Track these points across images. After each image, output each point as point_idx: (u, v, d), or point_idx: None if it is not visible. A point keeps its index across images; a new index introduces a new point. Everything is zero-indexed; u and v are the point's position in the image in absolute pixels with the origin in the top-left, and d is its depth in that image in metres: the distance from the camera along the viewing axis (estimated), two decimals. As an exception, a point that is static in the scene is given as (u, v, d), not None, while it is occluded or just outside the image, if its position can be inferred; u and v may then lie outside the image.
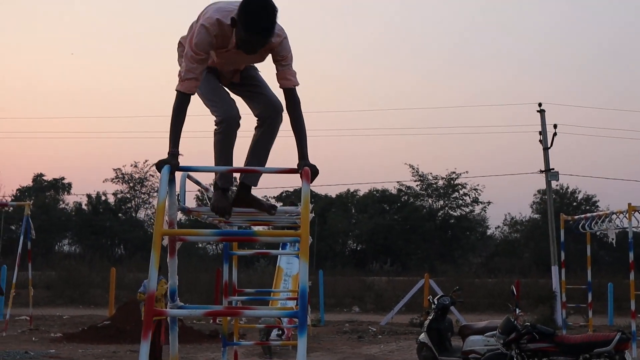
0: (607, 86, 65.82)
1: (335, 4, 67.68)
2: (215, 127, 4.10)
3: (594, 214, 14.94)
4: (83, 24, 66.13)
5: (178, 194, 3.92)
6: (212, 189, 4.62)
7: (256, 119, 4.22)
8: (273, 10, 3.71)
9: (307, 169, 3.64)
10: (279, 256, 19.64)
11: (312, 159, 3.87)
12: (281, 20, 3.83)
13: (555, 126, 22.42)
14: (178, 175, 3.85)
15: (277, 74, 4.00)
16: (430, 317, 11.35)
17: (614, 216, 13.93)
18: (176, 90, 3.88)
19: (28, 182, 49.23)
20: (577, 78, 66.78)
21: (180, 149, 3.81)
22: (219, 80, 4.23)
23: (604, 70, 67.27)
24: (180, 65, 4.04)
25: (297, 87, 3.98)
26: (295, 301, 6.35)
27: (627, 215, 13.01)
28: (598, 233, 15.40)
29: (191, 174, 4.18)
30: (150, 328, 3.14)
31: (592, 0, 66.33)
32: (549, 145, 22.56)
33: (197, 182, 4.26)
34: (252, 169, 4.01)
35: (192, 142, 49.15)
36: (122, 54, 67.11)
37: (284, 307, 6.99)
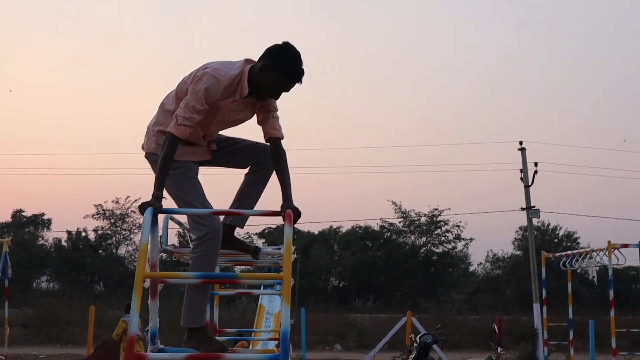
0: (587, 125, 66.80)
1: (318, 43, 68.45)
2: (196, 242, 3.88)
3: (575, 251, 15.06)
4: (66, 56, 66.26)
5: (160, 236, 3.92)
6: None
7: (250, 166, 4.25)
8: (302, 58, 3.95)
9: (289, 212, 3.66)
10: (260, 296, 19.54)
11: (295, 195, 3.90)
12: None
13: (536, 164, 22.71)
14: (161, 217, 3.86)
15: (266, 124, 4.04)
16: (412, 356, 11.33)
17: (594, 253, 14.07)
18: (170, 132, 3.84)
19: (7, 217, 48.77)
20: (558, 117, 67.75)
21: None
22: (195, 161, 4.15)
23: (584, 109, 68.32)
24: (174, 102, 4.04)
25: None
26: (277, 341, 6.32)
27: (607, 253, 13.13)
28: (579, 270, 15.52)
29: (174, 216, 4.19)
30: (131, 372, 3.12)
31: (573, 39, 67.66)
32: (530, 183, 22.79)
33: (180, 223, 4.27)
34: (236, 212, 4.03)
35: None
36: (103, 89, 67.18)
37: (264, 350, 6.93)
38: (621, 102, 66.08)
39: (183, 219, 4.43)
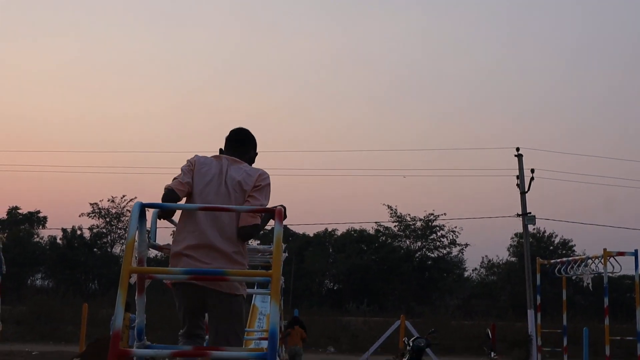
0: (584, 132, 66.89)
1: (320, 48, 68.47)
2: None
3: (570, 258, 15.04)
4: (62, 54, 66.18)
5: (149, 231, 3.87)
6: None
7: None
8: None
9: (280, 209, 3.62)
10: (253, 296, 19.47)
11: (291, 197, 3.91)
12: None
13: (532, 170, 22.71)
14: (149, 212, 3.81)
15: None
16: (405, 359, 11.28)
17: (590, 261, 14.03)
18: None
19: (2, 215, 48.64)
20: (555, 123, 67.82)
21: (155, 184, 3.77)
22: None
23: (581, 115, 68.42)
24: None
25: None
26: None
27: (602, 261, 13.10)
28: (574, 277, 15.48)
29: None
30: (115, 368, 3.07)
31: (569, 46, 67.76)
32: (526, 190, 22.79)
33: (173, 222, 4.22)
34: (227, 208, 3.99)
35: (166, 177, 48.93)
36: (101, 86, 67.11)
37: (255, 349, 6.87)
38: (618, 109, 66.22)
39: (177, 217, 4.38)
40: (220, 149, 4.49)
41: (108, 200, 47.22)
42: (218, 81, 69.44)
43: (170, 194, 4.12)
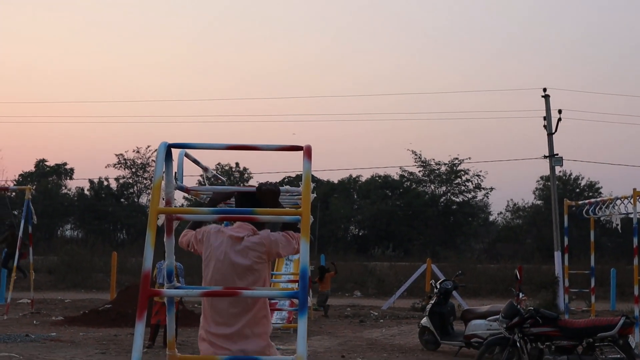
0: (612, 72, 65.49)
1: (338, -12, 67.24)
2: None
3: (598, 199, 14.81)
4: (86, 8, 65.85)
5: (176, 173, 3.82)
6: (210, 168, 4.53)
7: None
8: None
9: (309, 145, 3.55)
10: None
11: (315, 143, 3.79)
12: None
13: (560, 111, 22.28)
14: (176, 154, 3.75)
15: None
16: (432, 302, 11.31)
17: (619, 202, 13.81)
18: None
19: (30, 167, 49.24)
20: (582, 63, 66.43)
21: (180, 134, 3.69)
22: None
23: (609, 55, 66.88)
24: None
25: None
26: (296, 284, 6.29)
27: (631, 201, 12.89)
28: (602, 219, 15.29)
29: (190, 152, 4.08)
30: (145, 308, 3.06)
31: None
32: (553, 131, 22.41)
33: (195, 161, 4.16)
34: (252, 146, 3.93)
35: (191, 127, 48.96)
36: (126, 38, 66.88)
37: (285, 288, 6.91)
38: (648, 49, 64.53)
39: (200, 157, 4.32)
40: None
41: (133, 151, 47.59)
42: (243, 31, 68.79)
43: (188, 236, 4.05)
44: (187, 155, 3.99)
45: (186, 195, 4.24)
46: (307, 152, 3.46)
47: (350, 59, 67.90)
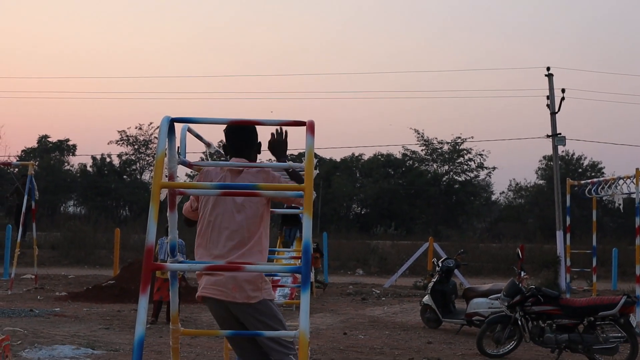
0: (616, 51, 65.07)
1: (342, -35, 66.69)
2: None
3: (601, 179, 14.81)
4: (87, -16, 65.41)
5: (179, 147, 3.81)
6: (213, 144, 4.52)
7: None
8: None
9: (312, 121, 3.53)
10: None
11: (318, 121, 3.80)
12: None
13: (563, 91, 22.17)
14: (178, 128, 3.74)
15: None
16: (434, 280, 11.35)
17: (621, 181, 13.81)
18: None
19: (33, 143, 49.21)
20: (587, 42, 65.98)
21: (182, 112, 3.70)
22: None
23: (614, 35, 66.42)
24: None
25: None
26: (299, 260, 6.29)
27: (634, 181, 12.88)
28: (604, 198, 15.30)
29: (192, 127, 4.06)
30: (149, 282, 3.07)
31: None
32: (556, 110, 22.34)
33: (198, 136, 4.15)
34: (254, 121, 3.93)
35: (194, 104, 48.86)
36: (129, 13, 66.52)
37: (288, 264, 6.93)
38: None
39: (203, 133, 4.31)
40: (224, 145, 4.32)
41: (135, 128, 47.52)
42: (248, 8, 68.38)
43: (186, 221, 4.30)
44: (189, 130, 3.98)
45: (189, 172, 4.25)
46: (310, 127, 3.44)
47: (354, 39, 67.58)
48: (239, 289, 3.96)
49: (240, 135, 4.24)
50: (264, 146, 4.36)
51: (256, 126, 4.24)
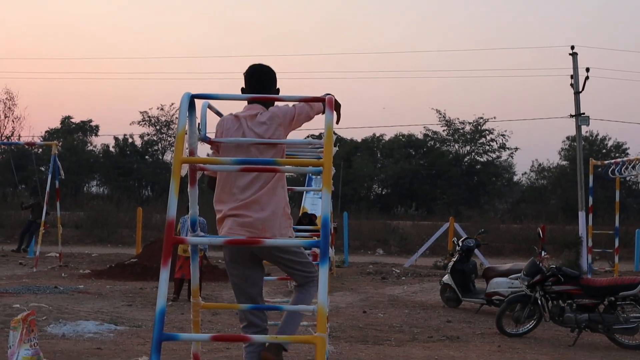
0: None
1: (363, -57, 66.02)
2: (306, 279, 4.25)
3: (625, 159, 14.68)
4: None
5: (199, 123, 3.84)
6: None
7: None
8: None
9: (331, 97, 3.54)
10: (303, 197, 19.67)
11: (339, 101, 3.83)
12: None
13: (587, 70, 21.84)
14: (199, 105, 3.76)
15: None
16: (454, 259, 11.33)
17: (645, 161, 13.67)
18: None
19: (56, 124, 49.72)
20: (611, 21, 64.89)
21: (204, 91, 3.73)
22: None
23: (638, 12, 65.22)
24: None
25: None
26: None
27: (659, 160, 12.76)
28: (629, 178, 15.17)
29: (213, 104, 4.09)
30: (170, 255, 3.11)
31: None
32: (580, 90, 22.04)
33: (218, 113, 4.17)
34: (274, 97, 3.93)
35: (216, 83, 48.89)
36: (148, -5, 66.56)
37: (307, 237, 6.96)
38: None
39: (222, 108, 4.33)
40: (242, 89, 4.31)
41: (157, 108, 47.81)
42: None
43: (209, 183, 4.26)
44: (210, 107, 4.01)
45: (210, 152, 4.28)
46: (329, 103, 3.45)
47: (375, 17, 67.12)
48: (269, 228, 4.01)
49: (260, 80, 4.25)
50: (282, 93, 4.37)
51: (275, 73, 4.31)
